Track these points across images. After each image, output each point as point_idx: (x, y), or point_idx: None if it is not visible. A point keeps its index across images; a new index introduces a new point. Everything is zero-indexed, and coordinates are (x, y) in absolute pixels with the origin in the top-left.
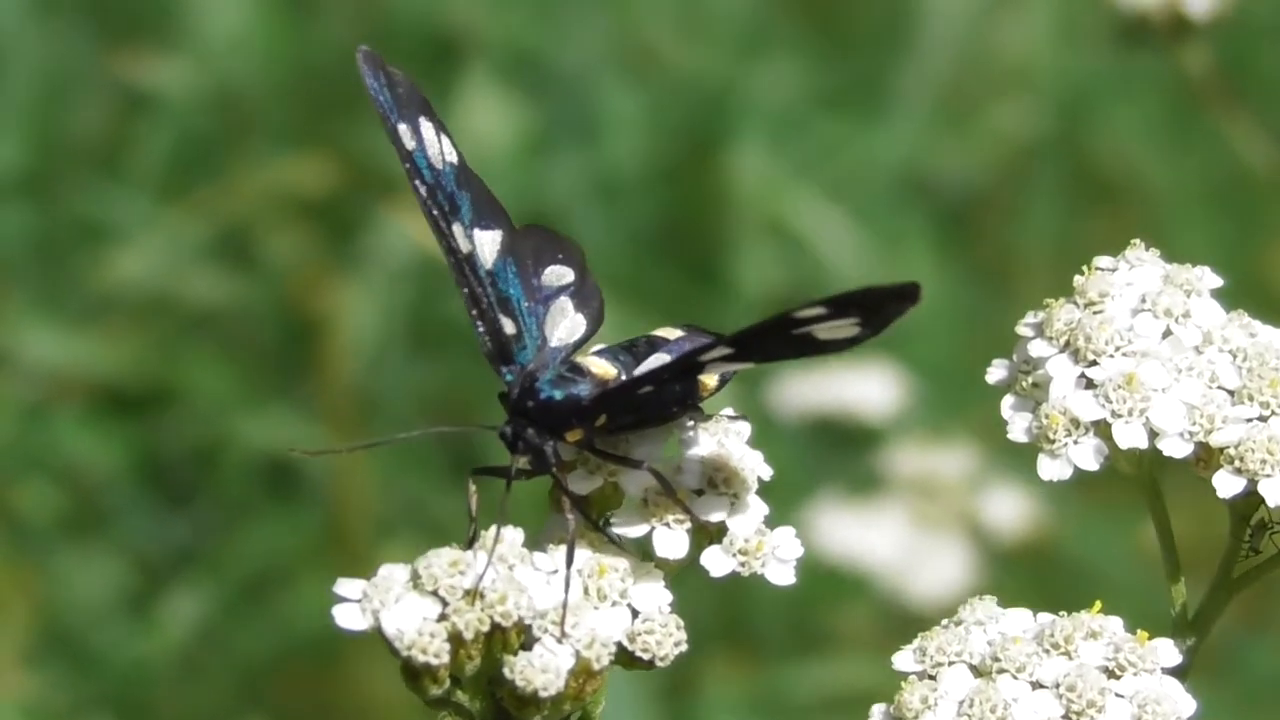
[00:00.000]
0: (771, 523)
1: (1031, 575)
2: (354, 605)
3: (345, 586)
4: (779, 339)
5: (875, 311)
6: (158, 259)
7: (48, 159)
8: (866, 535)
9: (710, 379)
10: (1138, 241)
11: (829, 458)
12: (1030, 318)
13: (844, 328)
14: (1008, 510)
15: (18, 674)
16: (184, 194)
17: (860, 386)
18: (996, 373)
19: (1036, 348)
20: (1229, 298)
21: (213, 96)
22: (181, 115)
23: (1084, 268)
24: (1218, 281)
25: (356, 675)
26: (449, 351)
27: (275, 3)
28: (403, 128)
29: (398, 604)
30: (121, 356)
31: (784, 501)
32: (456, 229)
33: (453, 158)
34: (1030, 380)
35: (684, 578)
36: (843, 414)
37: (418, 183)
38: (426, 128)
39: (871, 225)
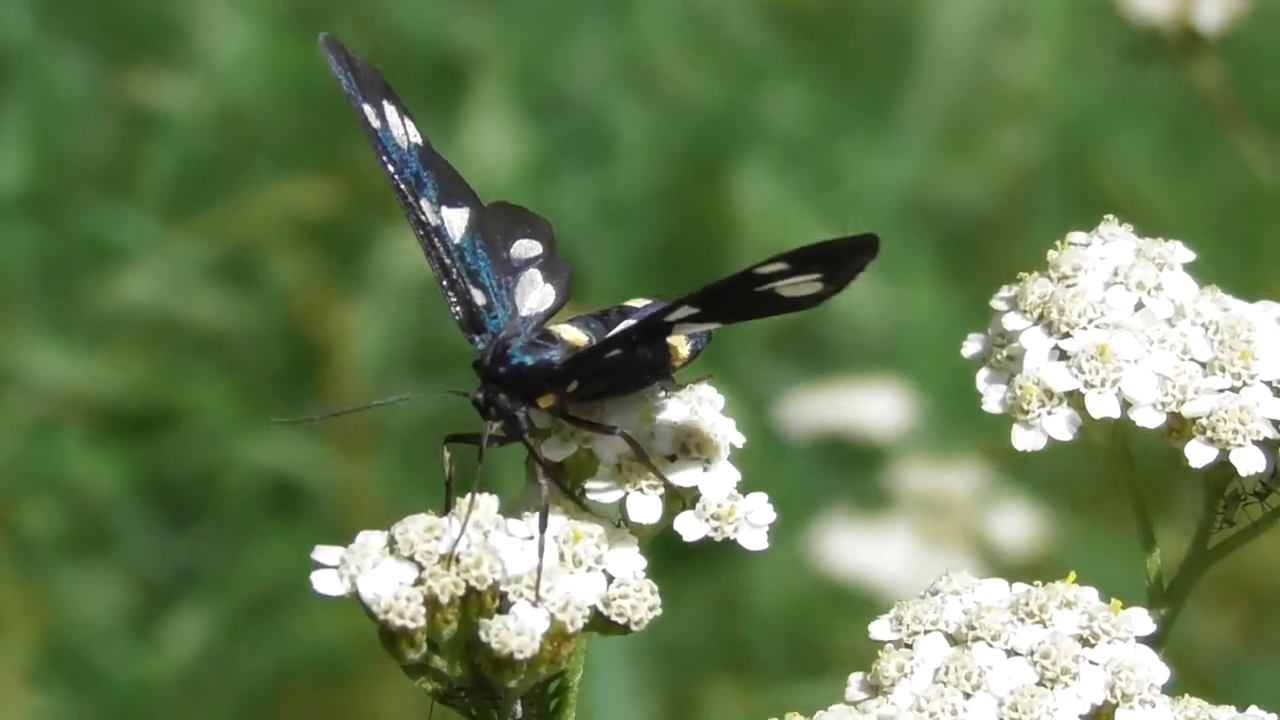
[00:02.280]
0: (782, 538)
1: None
2: (331, 571)
3: (323, 553)
4: (742, 297)
5: (836, 266)
6: (163, 280)
7: (54, 179)
8: (874, 553)
9: (682, 346)
10: (1110, 216)
11: (837, 475)
12: (1005, 291)
13: (806, 284)
14: (1015, 528)
15: (22, 693)
16: (190, 215)
17: (868, 405)
18: (971, 346)
19: (1010, 321)
20: None
21: (219, 118)
22: (187, 136)
23: (1058, 242)
24: (1190, 256)
25: (361, 696)
26: (454, 372)
27: (281, 24)
28: (368, 109)
29: (375, 569)
30: (127, 377)
31: (793, 519)
32: (424, 204)
33: (417, 139)
34: (1005, 353)
35: (684, 603)
36: (851, 432)
37: (385, 159)
38: (390, 110)
39: None
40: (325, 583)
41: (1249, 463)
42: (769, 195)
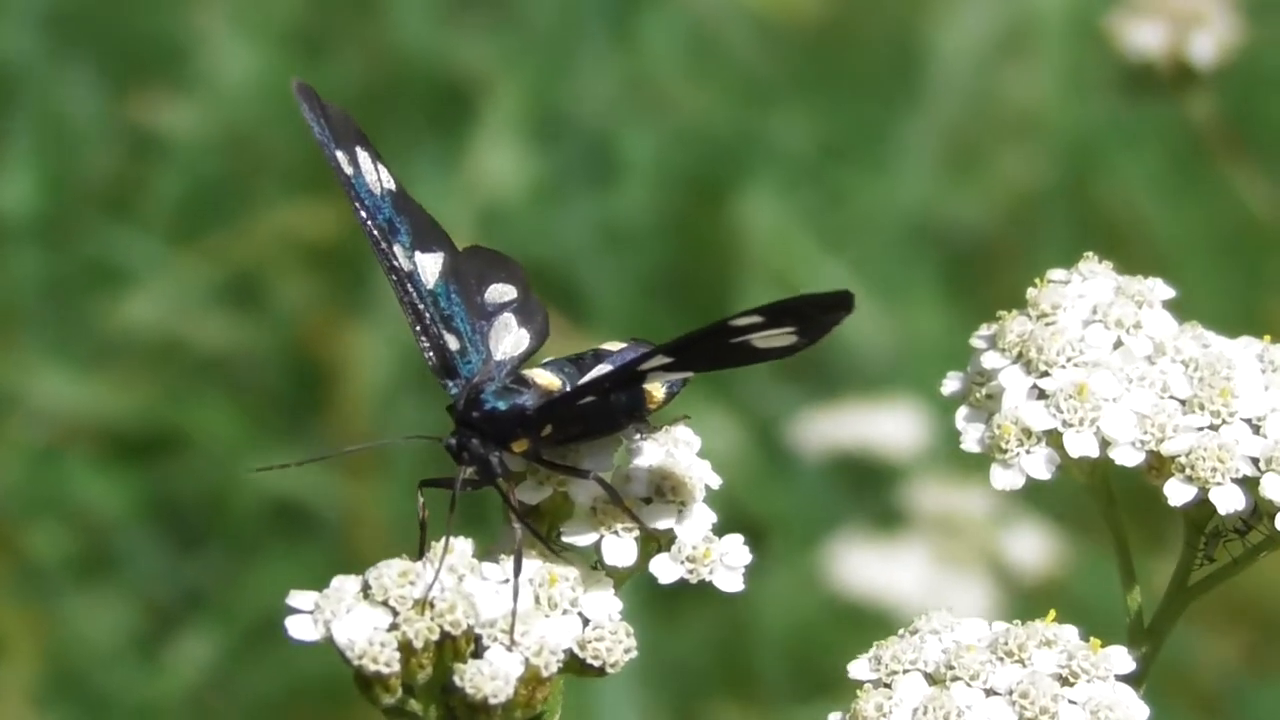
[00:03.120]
0: (796, 559)
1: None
2: (306, 616)
3: (298, 598)
4: (717, 347)
5: (810, 320)
6: (168, 303)
7: (60, 202)
8: (888, 572)
9: (657, 390)
10: (1090, 254)
11: (851, 495)
12: (984, 330)
13: (780, 336)
14: (1029, 548)
15: (28, 716)
16: (195, 238)
17: (881, 425)
18: (951, 384)
19: (989, 359)
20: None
21: (224, 141)
22: (193, 159)
23: (1036, 280)
24: (1170, 293)
25: (365, 718)
26: None
27: (287, 47)
28: (340, 155)
29: (349, 614)
30: (131, 400)
31: (806, 538)
32: (397, 250)
33: (390, 185)
34: (984, 392)
35: (688, 624)
36: (865, 451)
37: (357, 206)
38: (363, 156)
39: (880, 272)
40: (300, 628)
41: (1228, 501)
42: (774, 219)
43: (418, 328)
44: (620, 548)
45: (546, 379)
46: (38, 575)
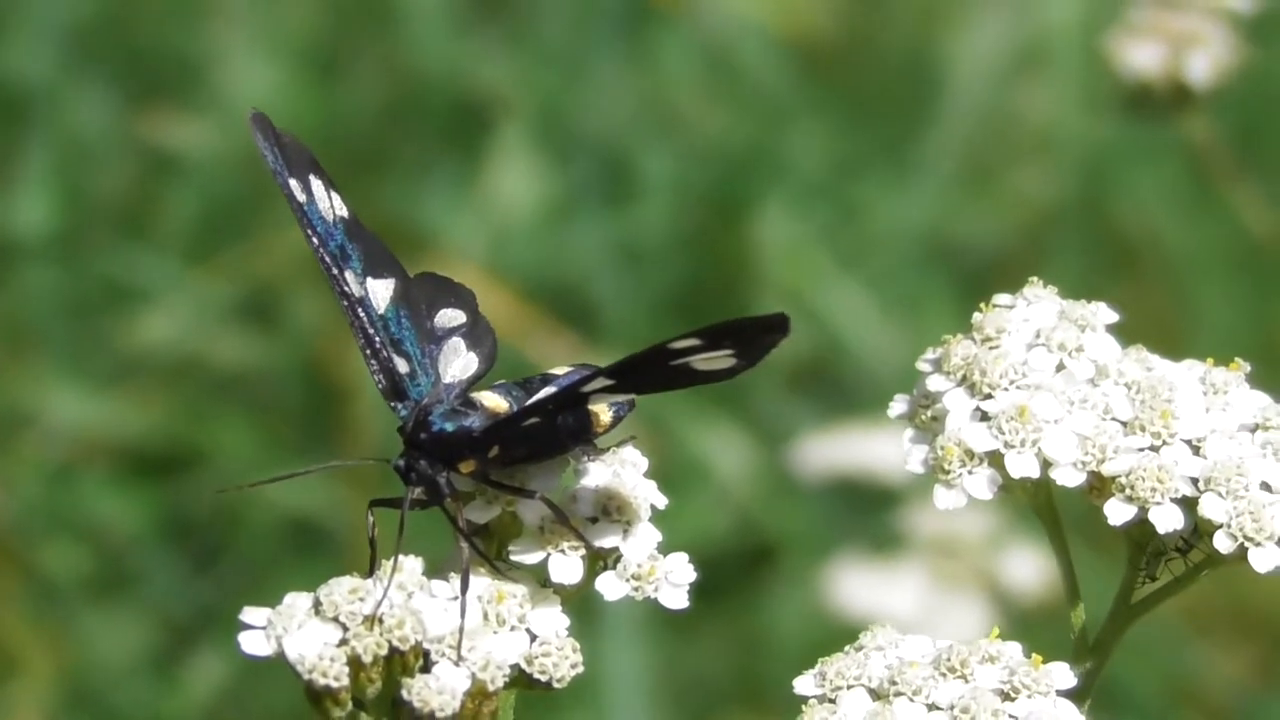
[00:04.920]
0: (797, 577)
1: (1050, 635)
2: (259, 632)
3: (250, 614)
4: (657, 370)
5: (748, 343)
6: (184, 320)
7: (76, 220)
8: (886, 594)
9: (604, 413)
10: (1035, 279)
11: (850, 517)
12: (930, 353)
13: (720, 359)
14: (1027, 570)
15: None
16: (211, 256)
17: (880, 447)
18: (897, 407)
19: (934, 382)
20: (1248, 361)
21: (240, 158)
22: (209, 177)
23: (982, 305)
24: (1113, 317)
25: None
26: None
27: (304, 66)
28: (293, 183)
29: (300, 630)
30: (148, 418)
31: (805, 560)
32: (348, 276)
33: (343, 212)
34: (929, 414)
35: (702, 639)
36: (863, 474)
37: (309, 232)
38: (316, 185)
39: (895, 288)
40: (252, 643)
41: (1166, 520)
42: (789, 236)
43: (368, 351)
44: (567, 566)
45: (494, 401)
46: (53, 592)
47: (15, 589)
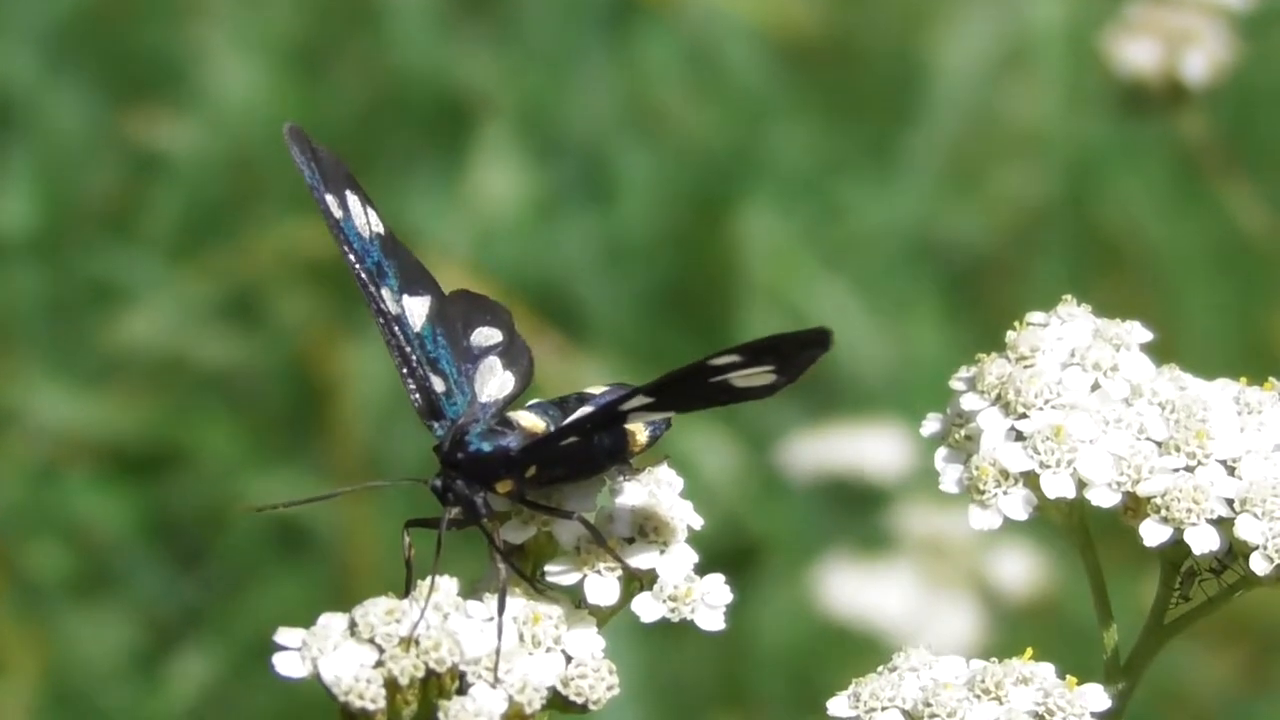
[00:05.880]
0: (785, 579)
1: (1040, 635)
2: (294, 653)
3: (285, 635)
4: (697, 387)
5: (789, 359)
6: (168, 320)
7: (59, 219)
8: (876, 594)
9: (640, 432)
10: (1069, 297)
11: (839, 517)
12: (963, 372)
13: (759, 375)
14: (1016, 570)
15: None
16: (195, 255)
17: (870, 447)
18: (930, 426)
19: (969, 401)
20: (1233, 362)
21: (224, 158)
22: (193, 177)
23: (1016, 323)
24: (1147, 336)
25: None
26: None
27: (287, 65)
28: (330, 199)
29: (335, 651)
30: (131, 417)
31: (794, 560)
32: (385, 293)
33: (379, 228)
34: (963, 433)
35: (686, 642)
36: (853, 474)
37: (346, 249)
38: (353, 200)
39: (880, 289)
40: (287, 665)
41: (1202, 542)
42: (774, 236)
43: (404, 370)
44: (603, 587)
45: (530, 421)
46: (37, 593)
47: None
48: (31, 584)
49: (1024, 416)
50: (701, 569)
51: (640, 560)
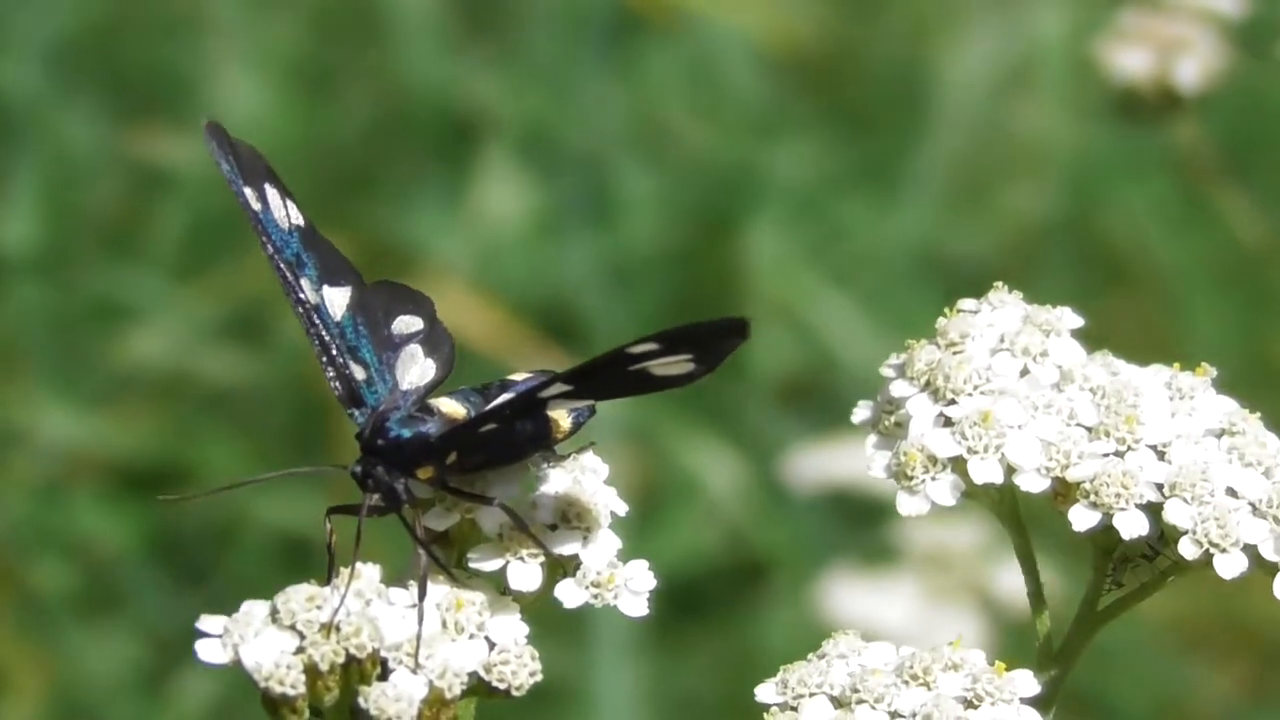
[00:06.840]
0: (789, 591)
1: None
2: (215, 640)
3: (207, 622)
4: (615, 375)
5: (706, 347)
6: (173, 338)
7: (63, 237)
8: (879, 606)
9: (563, 419)
10: (1000, 284)
11: (842, 529)
12: (894, 359)
13: (678, 364)
14: (1019, 582)
15: None
16: (200, 273)
17: None
18: (861, 413)
19: (898, 388)
20: (1238, 376)
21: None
22: (197, 194)
23: (946, 310)
24: (1078, 322)
25: None
26: None
27: (292, 82)
28: (248, 192)
29: (257, 638)
30: (136, 435)
31: (797, 574)
32: (304, 283)
33: (299, 221)
34: (893, 420)
35: (692, 654)
36: (855, 488)
37: (264, 240)
38: (271, 193)
39: (886, 304)
40: (209, 651)
41: (1131, 526)
42: (777, 252)
43: (324, 358)
44: (526, 573)
45: (451, 407)
46: (42, 610)
47: (4, 606)
48: (37, 601)
49: (953, 403)
50: (706, 584)
51: (563, 547)
